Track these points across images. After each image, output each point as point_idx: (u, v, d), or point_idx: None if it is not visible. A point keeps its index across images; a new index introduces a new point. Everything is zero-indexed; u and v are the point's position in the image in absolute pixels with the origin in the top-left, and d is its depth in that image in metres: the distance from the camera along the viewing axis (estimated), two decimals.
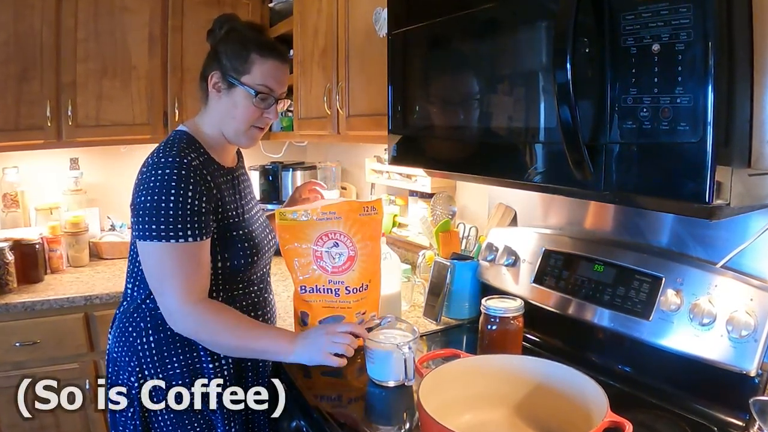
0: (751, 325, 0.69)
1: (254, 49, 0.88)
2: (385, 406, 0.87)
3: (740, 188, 0.58)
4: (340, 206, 0.98)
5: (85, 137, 1.71)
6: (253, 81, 0.88)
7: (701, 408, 0.77)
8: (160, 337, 0.88)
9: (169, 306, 0.84)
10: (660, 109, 0.57)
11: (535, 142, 0.72)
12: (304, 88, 1.68)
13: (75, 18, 1.65)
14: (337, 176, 1.92)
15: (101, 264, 1.81)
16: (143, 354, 0.88)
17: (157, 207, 0.81)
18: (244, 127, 0.91)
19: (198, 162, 0.86)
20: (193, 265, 0.83)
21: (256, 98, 0.88)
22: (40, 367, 1.46)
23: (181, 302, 0.83)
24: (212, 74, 0.90)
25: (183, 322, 0.84)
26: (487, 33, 0.79)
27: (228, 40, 0.90)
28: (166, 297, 0.84)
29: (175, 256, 0.82)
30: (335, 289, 0.99)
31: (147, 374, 0.88)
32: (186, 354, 0.88)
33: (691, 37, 0.54)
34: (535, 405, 0.75)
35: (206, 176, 0.85)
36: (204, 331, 0.85)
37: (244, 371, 0.94)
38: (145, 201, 0.82)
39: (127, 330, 0.90)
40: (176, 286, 0.82)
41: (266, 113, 0.91)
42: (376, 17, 1.21)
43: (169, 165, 0.82)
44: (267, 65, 0.89)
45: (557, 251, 0.99)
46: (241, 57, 0.88)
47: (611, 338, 0.88)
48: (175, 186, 0.81)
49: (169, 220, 0.81)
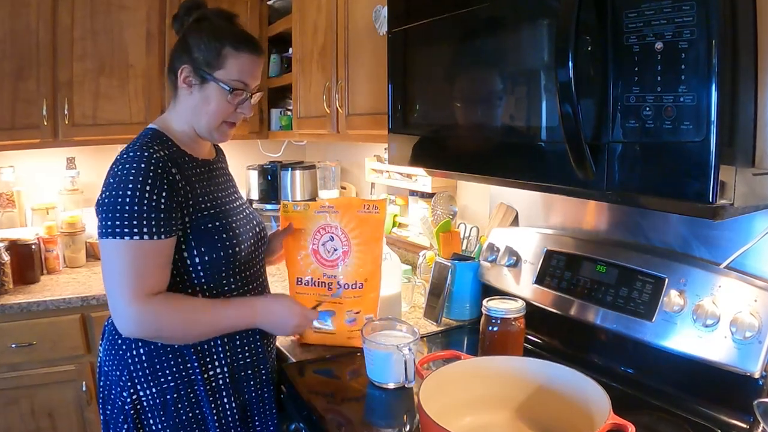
0: (755, 326, 0.69)
1: (228, 42, 0.84)
2: (385, 408, 0.86)
3: (744, 188, 0.58)
4: (339, 201, 1.01)
5: (81, 136, 1.70)
6: (228, 76, 0.84)
7: (704, 410, 0.76)
8: (150, 348, 0.83)
9: (116, 307, 0.78)
10: (663, 108, 0.57)
11: (537, 142, 0.72)
12: (303, 87, 1.67)
13: (71, 16, 1.63)
14: (337, 176, 1.91)
15: (98, 264, 1.77)
16: (134, 367, 0.83)
17: (114, 203, 0.77)
18: (216, 123, 0.87)
19: (162, 154, 0.81)
20: (147, 265, 0.78)
21: (231, 95, 0.85)
22: (36, 368, 1.45)
23: (128, 302, 0.77)
24: (182, 68, 0.85)
25: (134, 323, 0.78)
26: (488, 31, 0.78)
27: (199, 30, 0.85)
28: (113, 298, 0.78)
29: (128, 255, 0.77)
30: (329, 283, 1.00)
31: (139, 388, 0.83)
32: (179, 365, 0.84)
33: (694, 35, 0.54)
34: (536, 407, 0.74)
35: (170, 169, 0.80)
36: (160, 329, 0.80)
37: (244, 380, 0.90)
38: (104, 198, 0.79)
39: (116, 342, 0.85)
40: (124, 285, 0.77)
41: (240, 109, 0.87)
42: (376, 15, 1.20)
43: (129, 160, 0.79)
44: (242, 59, 0.84)
45: (559, 251, 0.99)
46: (214, 50, 0.83)
47: (614, 339, 0.88)
48: (133, 181, 0.77)
49: (125, 216, 0.76)
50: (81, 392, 1.50)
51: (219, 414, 0.87)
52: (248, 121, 1.94)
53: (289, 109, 1.97)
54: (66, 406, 1.50)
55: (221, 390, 0.87)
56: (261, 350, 0.93)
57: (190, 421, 0.86)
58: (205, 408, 0.86)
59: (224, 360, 0.88)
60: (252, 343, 0.91)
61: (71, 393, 1.50)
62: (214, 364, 0.87)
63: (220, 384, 0.87)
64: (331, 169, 1.88)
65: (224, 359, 0.88)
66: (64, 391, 1.49)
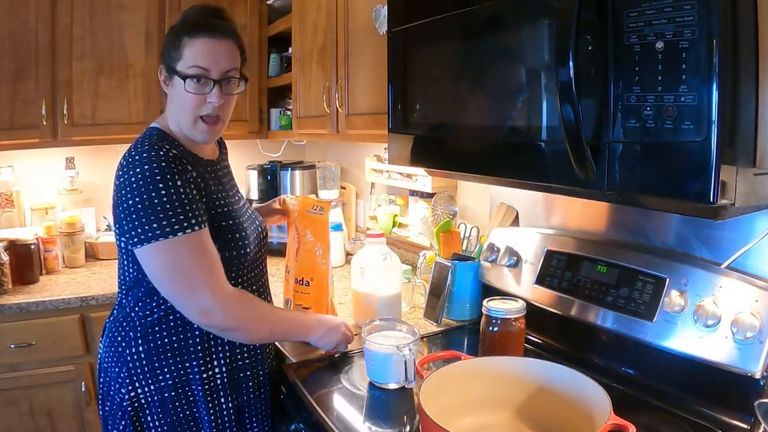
0: (756, 326, 0.68)
1: (183, 31, 0.83)
2: (385, 408, 0.86)
3: (745, 188, 0.58)
4: (299, 199, 1.09)
5: (80, 136, 1.69)
6: (185, 65, 0.82)
7: (705, 410, 0.76)
8: (150, 347, 0.84)
9: (202, 304, 0.78)
10: (664, 108, 0.57)
11: (537, 141, 0.71)
12: (303, 87, 1.67)
13: (71, 15, 1.63)
14: (337, 175, 1.90)
15: (97, 265, 1.79)
16: (133, 365, 0.84)
17: (149, 204, 0.75)
18: (189, 118, 0.84)
19: (175, 153, 0.81)
20: (208, 255, 0.78)
21: (189, 82, 0.81)
22: (36, 369, 1.45)
23: (216, 295, 0.78)
24: (159, 69, 0.86)
25: (224, 315, 0.78)
26: (488, 30, 0.78)
27: (170, 28, 0.87)
28: (196, 296, 0.77)
29: (188, 250, 0.76)
30: (288, 276, 1.09)
31: (138, 386, 0.84)
32: (177, 364, 0.84)
33: (695, 34, 0.53)
34: (537, 408, 0.74)
35: (186, 165, 0.80)
36: (247, 320, 0.82)
37: (242, 381, 0.90)
38: (134, 203, 0.76)
39: (116, 340, 0.86)
40: (205, 280, 0.77)
41: (208, 98, 0.83)
42: (376, 14, 1.20)
43: (146, 160, 0.77)
44: (196, 44, 0.82)
45: (560, 252, 0.98)
46: (175, 44, 0.83)
47: (614, 340, 0.88)
48: (160, 178, 0.76)
49: (168, 213, 0.75)
50: (80, 392, 1.50)
51: (216, 414, 0.87)
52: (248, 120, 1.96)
53: (288, 108, 1.97)
54: (65, 406, 1.49)
55: (219, 390, 0.87)
56: (260, 352, 0.93)
57: (187, 420, 0.86)
58: (201, 408, 0.86)
59: (224, 360, 0.88)
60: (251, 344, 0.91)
61: (70, 393, 1.49)
62: (214, 364, 0.87)
63: (218, 384, 0.87)
64: (331, 169, 1.88)
65: (224, 359, 0.88)
66: (64, 391, 1.49)
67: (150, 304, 0.84)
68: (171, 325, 0.84)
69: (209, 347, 0.86)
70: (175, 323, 0.84)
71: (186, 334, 0.85)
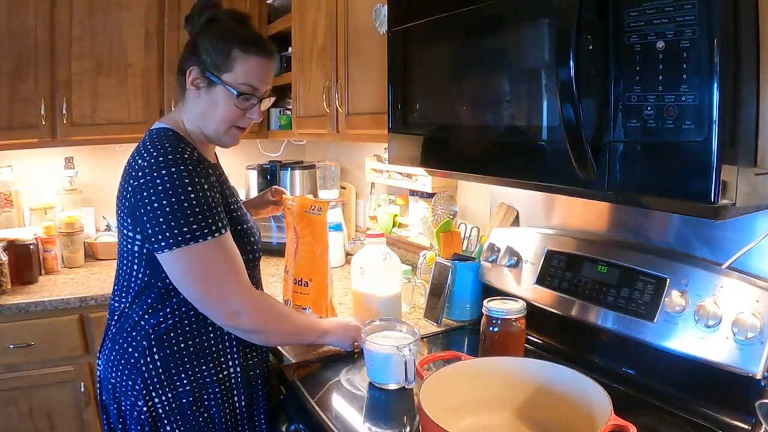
0: (757, 327, 0.68)
1: (237, 44, 0.82)
2: (385, 409, 0.86)
3: (746, 188, 0.58)
4: (296, 199, 1.09)
5: (80, 136, 1.69)
6: (235, 80, 0.82)
7: (706, 411, 0.76)
8: (166, 354, 0.82)
9: (231, 307, 0.79)
10: (665, 108, 0.56)
11: (537, 141, 0.71)
12: (302, 86, 1.67)
13: (70, 15, 1.63)
14: (337, 175, 1.90)
15: (96, 265, 1.79)
16: (149, 375, 0.82)
17: (179, 208, 0.74)
18: (224, 127, 0.86)
19: (197, 156, 0.81)
20: (235, 258, 0.79)
21: (238, 99, 0.83)
22: (34, 369, 1.44)
23: (245, 298, 0.80)
24: (191, 69, 0.84)
25: (250, 318, 0.80)
26: (489, 30, 0.78)
27: (209, 31, 0.84)
28: (226, 299, 0.79)
29: (217, 254, 0.77)
30: (287, 276, 1.08)
31: (155, 395, 0.82)
32: (194, 368, 0.84)
33: (696, 34, 0.53)
34: (537, 408, 0.74)
35: (207, 169, 0.82)
36: (271, 322, 0.84)
37: (254, 379, 0.92)
38: (160, 206, 0.75)
39: (126, 351, 0.84)
40: (234, 283, 0.78)
41: (248, 113, 0.86)
42: (376, 14, 1.19)
43: (172, 162, 0.76)
44: (250, 62, 0.83)
45: (560, 252, 0.98)
46: (223, 53, 0.82)
47: (615, 340, 0.87)
48: (188, 182, 0.75)
49: (198, 218, 0.75)
50: (79, 393, 1.49)
51: (231, 413, 0.88)
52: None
53: (288, 108, 1.96)
54: (64, 406, 1.49)
55: (233, 389, 0.88)
56: (265, 349, 0.96)
57: (206, 421, 0.86)
58: (216, 408, 0.86)
59: (238, 360, 0.88)
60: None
61: (70, 394, 1.49)
62: (228, 365, 0.87)
63: (233, 383, 0.88)
64: (331, 169, 1.88)
65: (238, 359, 0.88)
66: (63, 391, 1.48)
67: (163, 311, 0.83)
68: (186, 330, 0.84)
69: (223, 348, 0.86)
70: (190, 328, 0.84)
71: (201, 337, 0.84)
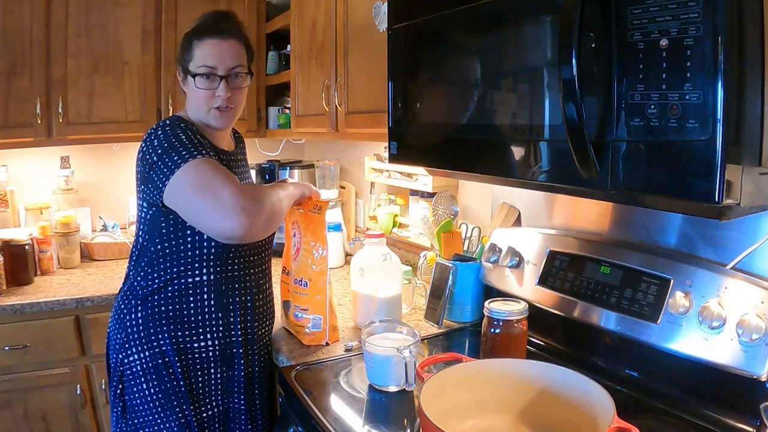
0: (762, 328, 0.68)
1: (193, 35, 0.95)
2: (385, 411, 0.85)
3: (751, 187, 0.57)
4: (304, 200, 1.09)
5: (76, 135, 1.68)
6: (195, 65, 0.94)
7: (710, 413, 0.75)
8: (148, 313, 0.91)
9: (226, 201, 0.83)
10: (668, 106, 0.56)
11: (539, 140, 0.70)
12: (301, 85, 1.65)
13: (65, 12, 1.61)
14: (336, 175, 1.89)
15: (92, 265, 1.78)
16: (131, 329, 0.91)
17: (169, 147, 0.85)
18: (203, 111, 0.96)
19: (199, 136, 0.91)
20: (223, 170, 0.87)
21: (197, 80, 0.93)
22: (30, 371, 1.43)
23: (237, 195, 0.83)
24: (177, 71, 0.99)
25: (245, 211, 0.83)
26: (490, 27, 0.77)
27: (183, 38, 0.98)
28: (220, 198, 0.83)
29: (205, 167, 0.85)
30: (288, 275, 1.09)
31: (135, 350, 0.90)
32: (171, 332, 0.91)
33: (700, 31, 0.52)
34: (539, 410, 0.73)
35: (205, 143, 0.91)
36: (263, 212, 0.86)
37: (235, 357, 0.96)
38: (156, 150, 0.86)
39: (120, 309, 0.95)
40: (226, 184, 0.83)
41: (217, 92, 0.94)
42: (376, 11, 1.19)
43: (168, 127, 0.89)
44: (204, 46, 0.93)
45: (562, 252, 0.97)
46: (187, 48, 0.95)
47: (618, 342, 0.87)
48: (180, 132, 0.88)
49: (188, 145, 0.86)
50: (75, 395, 1.48)
51: (204, 385, 0.93)
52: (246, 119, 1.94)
53: (287, 107, 1.95)
54: (60, 409, 1.48)
55: (209, 361, 0.94)
56: (251, 331, 0.99)
57: (179, 387, 0.91)
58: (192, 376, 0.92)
59: (217, 333, 0.94)
60: (244, 322, 0.98)
61: (65, 396, 1.48)
62: (207, 336, 0.93)
63: (209, 355, 0.94)
64: (330, 168, 1.87)
65: (217, 332, 0.94)
66: (59, 394, 1.47)
67: (151, 274, 0.92)
68: (169, 295, 0.92)
69: (203, 319, 0.93)
70: (173, 294, 0.92)
71: (182, 305, 0.92)
